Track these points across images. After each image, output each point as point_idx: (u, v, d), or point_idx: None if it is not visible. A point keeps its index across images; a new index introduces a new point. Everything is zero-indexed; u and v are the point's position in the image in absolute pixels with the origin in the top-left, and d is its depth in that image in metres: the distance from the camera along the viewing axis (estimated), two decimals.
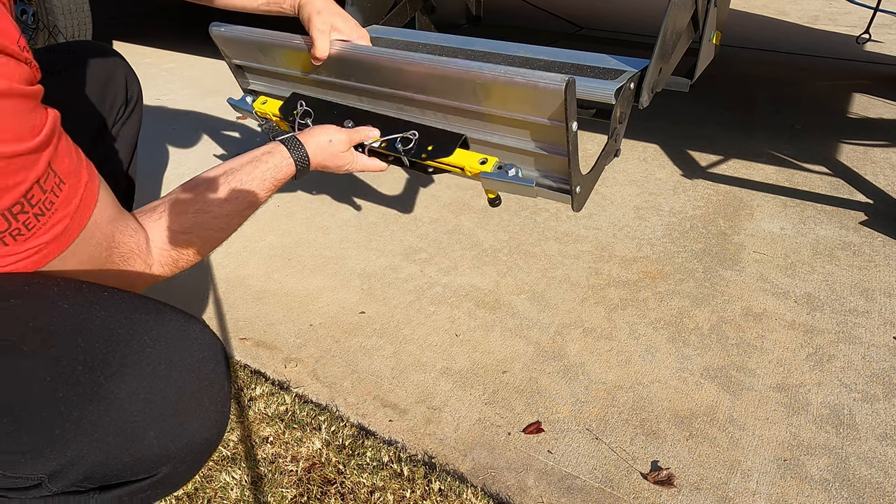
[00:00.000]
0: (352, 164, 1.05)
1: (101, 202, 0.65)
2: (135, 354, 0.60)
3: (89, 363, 0.57)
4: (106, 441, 0.57)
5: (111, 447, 0.58)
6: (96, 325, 0.60)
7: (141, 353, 0.60)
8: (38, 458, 0.55)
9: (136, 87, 1.23)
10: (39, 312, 0.59)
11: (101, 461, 0.58)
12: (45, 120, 0.57)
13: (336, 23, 1.03)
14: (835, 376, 1.30)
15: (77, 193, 0.61)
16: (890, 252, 1.72)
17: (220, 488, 1.05)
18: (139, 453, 0.61)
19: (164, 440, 0.62)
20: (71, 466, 0.57)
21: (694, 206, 1.97)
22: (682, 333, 1.42)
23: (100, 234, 0.66)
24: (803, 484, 1.07)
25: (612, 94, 1.15)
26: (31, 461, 0.55)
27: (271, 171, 0.89)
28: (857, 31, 3.48)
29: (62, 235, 0.61)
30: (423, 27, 1.81)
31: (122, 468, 0.61)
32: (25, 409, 0.55)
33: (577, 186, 1.11)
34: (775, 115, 2.70)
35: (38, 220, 0.57)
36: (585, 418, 1.20)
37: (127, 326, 0.61)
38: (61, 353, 0.57)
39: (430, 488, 1.05)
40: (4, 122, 0.50)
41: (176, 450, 0.64)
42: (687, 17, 1.34)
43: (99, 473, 0.60)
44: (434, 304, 1.52)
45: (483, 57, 1.35)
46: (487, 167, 1.06)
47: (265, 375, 1.30)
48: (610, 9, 4.64)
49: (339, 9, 1.06)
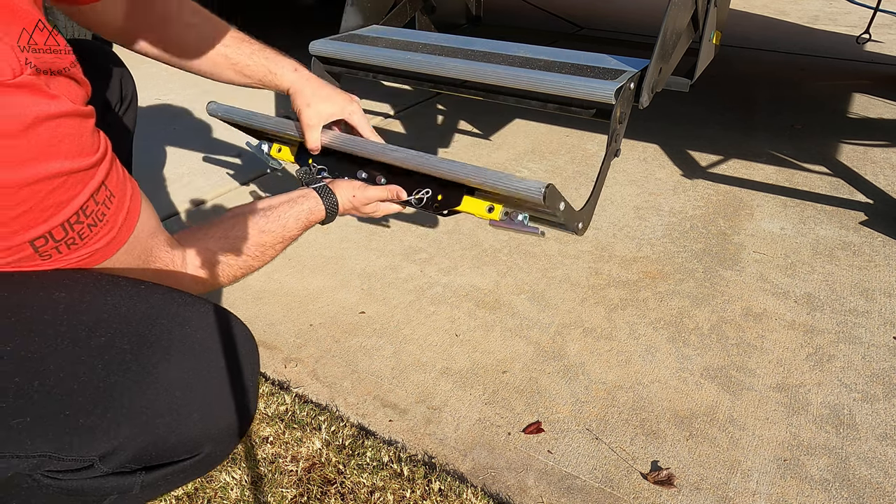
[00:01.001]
0: (374, 213, 1.12)
1: (143, 216, 0.69)
2: (178, 342, 0.63)
3: (136, 350, 0.61)
4: (153, 424, 0.61)
5: (158, 429, 0.61)
6: (140, 315, 0.63)
7: (183, 340, 0.64)
8: (91, 441, 0.58)
9: (130, 87, 1.22)
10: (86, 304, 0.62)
11: (149, 443, 0.61)
12: (100, 137, 0.60)
13: (325, 110, 1.07)
14: (835, 376, 1.30)
15: (124, 206, 0.65)
16: (890, 252, 1.72)
17: (220, 488, 1.05)
18: (184, 435, 0.64)
19: (206, 422, 0.66)
20: (121, 448, 0.60)
21: (694, 206, 1.97)
22: (682, 333, 1.42)
23: (139, 247, 0.69)
24: (803, 484, 1.07)
25: (612, 94, 1.15)
26: (84, 444, 0.58)
27: (305, 213, 0.96)
28: (857, 31, 3.48)
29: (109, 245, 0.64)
30: (423, 27, 1.81)
31: (167, 449, 0.64)
32: (78, 394, 0.57)
33: (579, 223, 1.15)
34: (775, 115, 2.70)
35: (91, 231, 0.60)
36: (585, 418, 1.20)
37: (169, 316, 0.64)
38: (110, 341, 0.60)
39: (430, 488, 1.05)
40: (70, 140, 0.53)
41: (217, 431, 0.67)
42: (687, 17, 1.34)
43: (147, 454, 0.62)
44: (434, 304, 1.52)
45: (483, 57, 1.35)
46: (494, 215, 1.09)
47: (265, 375, 1.30)
48: (610, 9, 4.64)
49: (327, 92, 1.08)
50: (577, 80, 1.19)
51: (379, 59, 1.42)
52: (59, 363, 0.58)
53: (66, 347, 0.59)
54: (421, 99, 2.85)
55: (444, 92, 1.46)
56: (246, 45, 1.05)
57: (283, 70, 1.04)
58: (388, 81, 2.27)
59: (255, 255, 0.89)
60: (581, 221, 1.16)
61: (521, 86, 1.26)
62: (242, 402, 0.70)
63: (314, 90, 1.06)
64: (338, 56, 1.48)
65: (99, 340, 0.60)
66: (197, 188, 2.01)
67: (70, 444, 0.58)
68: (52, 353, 0.58)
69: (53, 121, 0.51)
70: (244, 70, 1.04)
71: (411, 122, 2.63)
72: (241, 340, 0.70)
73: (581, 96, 1.19)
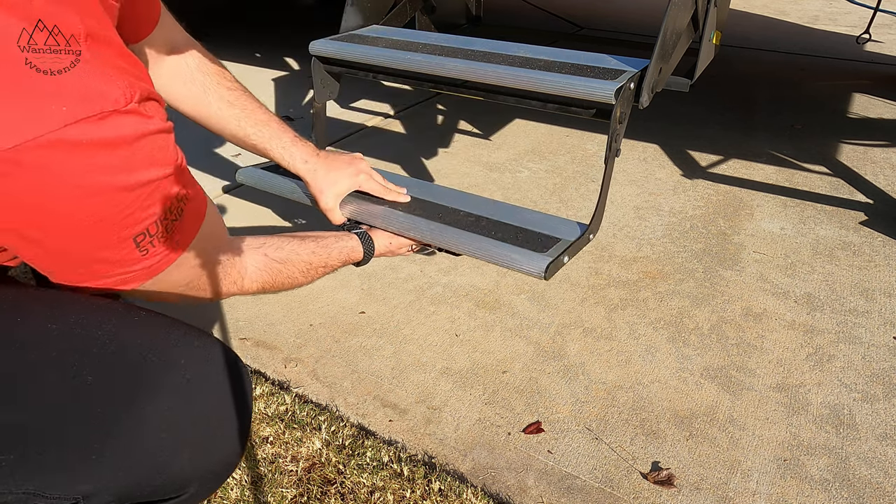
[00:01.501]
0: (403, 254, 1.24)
1: (209, 213, 0.76)
2: (167, 383, 0.65)
3: (123, 392, 0.63)
4: (139, 465, 0.63)
5: (143, 472, 0.63)
6: (130, 355, 0.65)
7: (173, 381, 0.65)
8: (75, 480, 0.60)
9: None
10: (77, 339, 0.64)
11: (133, 484, 0.63)
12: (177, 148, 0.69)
13: (337, 191, 1.17)
14: (835, 376, 1.30)
15: (197, 203, 0.73)
16: (890, 252, 1.72)
17: (220, 488, 1.05)
18: (170, 476, 0.65)
19: (193, 463, 0.67)
20: (105, 489, 0.62)
21: (694, 206, 1.97)
22: (682, 333, 1.42)
23: (209, 240, 0.76)
24: (803, 484, 1.07)
25: (612, 94, 1.15)
26: (69, 483, 0.60)
27: (347, 250, 1.08)
28: (857, 31, 3.48)
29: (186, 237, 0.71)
30: (423, 27, 1.81)
31: (153, 489, 0.66)
32: (64, 433, 0.60)
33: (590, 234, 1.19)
34: (775, 115, 2.70)
35: (174, 225, 0.68)
36: (585, 418, 1.20)
37: (159, 353, 0.66)
38: (97, 381, 0.62)
39: (430, 488, 1.05)
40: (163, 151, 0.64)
41: (203, 471, 0.69)
42: (687, 17, 1.34)
43: (132, 494, 0.64)
44: (434, 304, 1.52)
45: (483, 57, 1.35)
46: None
47: (265, 375, 1.30)
48: (610, 9, 4.64)
49: (335, 175, 1.17)
50: (577, 80, 1.19)
51: (379, 59, 1.42)
52: (47, 401, 0.60)
53: (53, 384, 0.61)
54: (421, 99, 2.85)
55: (444, 92, 1.46)
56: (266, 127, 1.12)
57: (295, 160, 1.14)
58: (388, 81, 2.27)
59: (303, 270, 0.97)
60: (592, 232, 1.18)
61: (521, 86, 1.26)
62: (232, 439, 0.71)
63: (324, 175, 1.16)
64: (338, 56, 1.48)
65: (87, 379, 0.61)
66: None
67: (54, 482, 0.60)
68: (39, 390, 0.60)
69: (151, 136, 0.61)
70: (255, 144, 1.13)
71: (411, 122, 2.63)
72: (233, 377, 0.71)
73: (581, 96, 1.18)
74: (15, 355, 0.62)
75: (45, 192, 0.55)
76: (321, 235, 1.05)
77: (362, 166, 1.22)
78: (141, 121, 0.60)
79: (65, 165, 0.55)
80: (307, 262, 0.98)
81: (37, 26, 0.54)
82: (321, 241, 1.03)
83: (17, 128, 0.52)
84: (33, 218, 0.58)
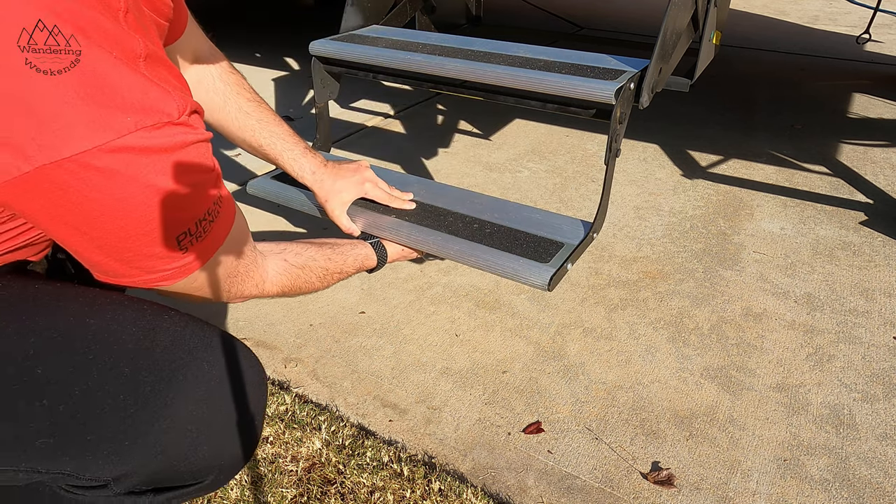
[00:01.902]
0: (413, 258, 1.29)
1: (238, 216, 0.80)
2: (194, 377, 0.70)
3: (156, 384, 0.68)
4: (166, 454, 0.68)
5: (170, 459, 0.69)
6: (161, 349, 0.71)
7: (199, 376, 0.71)
8: (107, 464, 0.66)
9: None
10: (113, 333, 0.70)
11: (159, 469, 0.69)
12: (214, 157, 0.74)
13: (343, 200, 1.22)
14: (835, 376, 1.30)
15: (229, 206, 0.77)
16: (890, 252, 1.72)
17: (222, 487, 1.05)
18: (193, 465, 0.71)
19: (214, 454, 0.73)
20: (134, 473, 0.67)
21: (694, 206, 1.97)
22: (682, 333, 1.42)
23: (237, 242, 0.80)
24: (803, 484, 1.07)
25: (612, 94, 1.15)
26: (101, 467, 0.66)
27: (362, 257, 1.14)
28: (857, 31, 3.49)
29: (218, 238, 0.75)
30: (423, 27, 1.81)
31: (176, 475, 0.71)
32: (100, 420, 0.66)
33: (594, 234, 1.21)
34: (775, 115, 2.70)
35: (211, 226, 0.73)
36: (585, 418, 1.20)
37: (187, 351, 0.72)
38: (134, 373, 0.68)
39: (430, 488, 1.05)
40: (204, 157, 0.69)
41: (222, 461, 0.75)
42: (687, 17, 1.34)
43: (156, 479, 0.70)
44: (434, 304, 1.52)
45: (483, 57, 1.35)
46: None
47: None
48: (610, 9, 4.64)
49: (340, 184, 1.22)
50: (577, 80, 1.19)
51: (379, 59, 1.42)
52: (85, 390, 0.66)
53: (91, 375, 0.67)
54: (421, 99, 2.85)
55: (444, 92, 1.46)
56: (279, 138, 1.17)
57: (304, 171, 1.19)
58: (388, 81, 2.27)
59: (320, 276, 1.01)
60: (595, 231, 1.20)
61: (521, 86, 1.26)
62: (248, 435, 0.76)
63: (330, 185, 1.21)
64: (338, 56, 1.48)
65: (123, 371, 0.68)
66: None
67: (88, 465, 0.66)
68: (78, 379, 0.66)
69: (196, 144, 0.67)
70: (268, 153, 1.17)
71: (411, 122, 2.63)
72: (250, 374, 0.77)
73: (581, 96, 1.19)
74: (58, 346, 0.67)
75: (109, 191, 0.61)
76: (337, 243, 1.10)
77: (367, 174, 1.26)
78: (189, 131, 0.66)
79: (129, 167, 0.60)
80: (324, 267, 1.02)
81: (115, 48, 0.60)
82: (337, 249, 1.08)
83: (92, 132, 0.58)
84: (96, 216, 0.62)
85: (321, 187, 1.21)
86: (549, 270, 1.09)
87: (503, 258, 1.13)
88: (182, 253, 0.70)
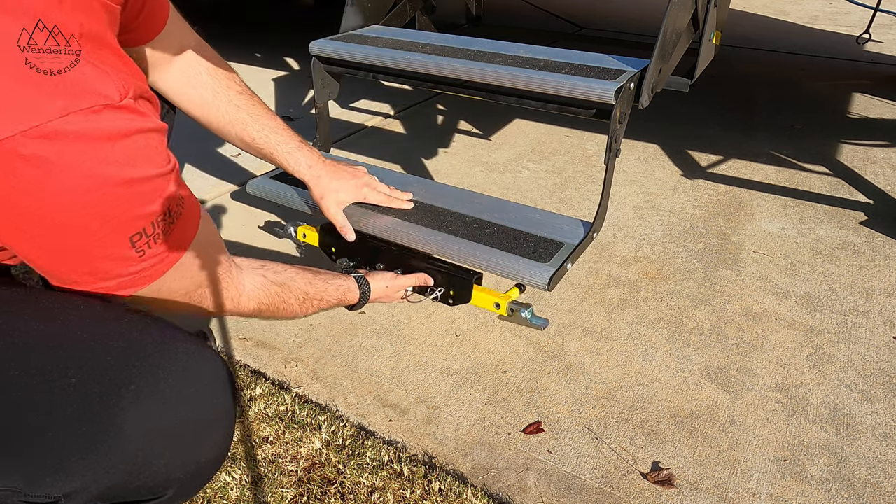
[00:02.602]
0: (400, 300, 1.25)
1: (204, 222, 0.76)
2: (148, 386, 0.64)
3: (105, 394, 0.62)
4: (118, 469, 0.63)
5: (123, 474, 0.63)
6: (113, 356, 0.65)
7: (154, 385, 0.65)
8: (56, 480, 0.61)
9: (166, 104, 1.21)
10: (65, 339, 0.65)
11: (112, 485, 0.63)
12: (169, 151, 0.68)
13: (340, 199, 1.18)
14: (835, 376, 1.30)
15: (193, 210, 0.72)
16: (890, 252, 1.72)
17: (220, 488, 1.05)
18: (149, 479, 0.66)
19: (171, 467, 0.67)
20: (85, 489, 0.62)
21: (694, 206, 1.97)
22: (682, 333, 1.42)
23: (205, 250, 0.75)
24: (803, 484, 1.07)
25: (612, 94, 1.15)
26: (51, 483, 0.61)
27: (343, 289, 1.09)
28: (857, 31, 3.48)
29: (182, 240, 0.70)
30: (423, 27, 1.81)
31: (132, 490, 0.66)
32: (49, 434, 0.60)
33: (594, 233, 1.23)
34: (775, 115, 2.70)
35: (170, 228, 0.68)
36: (585, 418, 1.20)
37: (142, 358, 0.66)
38: (83, 382, 0.62)
39: (430, 488, 1.05)
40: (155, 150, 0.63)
41: (182, 475, 0.69)
42: (687, 17, 1.34)
43: (111, 495, 0.65)
44: (434, 304, 1.51)
45: (483, 57, 1.35)
46: (502, 311, 1.18)
47: (265, 375, 1.30)
48: (610, 9, 4.64)
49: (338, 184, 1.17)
50: (577, 80, 1.19)
51: (379, 59, 1.42)
52: (33, 402, 0.60)
53: (39, 384, 0.61)
54: (421, 99, 2.85)
55: (444, 92, 1.46)
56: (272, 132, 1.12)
57: (300, 165, 1.14)
58: (388, 81, 2.27)
59: (300, 298, 0.97)
60: (595, 231, 1.20)
61: (521, 86, 1.26)
62: (211, 444, 0.71)
63: (327, 182, 1.16)
64: (338, 56, 1.48)
65: (70, 380, 0.61)
66: (197, 188, 2.01)
67: (36, 481, 0.60)
68: (21, 390, 0.61)
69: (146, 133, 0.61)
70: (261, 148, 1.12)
71: (411, 122, 2.63)
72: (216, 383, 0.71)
73: (581, 96, 1.19)
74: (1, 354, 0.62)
75: (43, 184, 0.55)
76: (320, 271, 1.06)
77: (366, 179, 1.23)
78: (135, 117, 0.60)
79: (63, 156, 0.55)
80: (304, 291, 0.98)
81: (37, 26, 0.54)
82: (319, 276, 1.04)
83: (13, 118, 0.53)
84: (32, 212, 0.57)
85: (317, 183, 1.16)
86: (549, 270, 1.09)
87: (503, 258, 1.13)
88: (139, 256, 0.65)
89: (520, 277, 1.11)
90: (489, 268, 1.14)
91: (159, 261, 0.68)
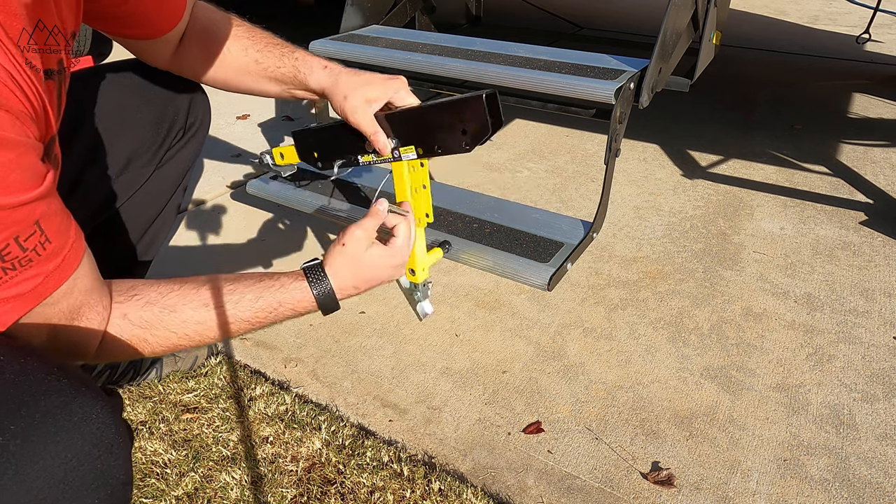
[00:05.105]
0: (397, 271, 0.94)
1: (82, 269, 0.62)
2: (20, 452, 0.50)
3: None
4: None
5: None
6: None
7: (29, 452, 0.51)
8: None
9: (199, 113, 1.09)
10: None
11: None
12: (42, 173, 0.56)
13: (367, 94, 0.93)
14: (835, 376, 1.30)
15: (59, 255, 0.59)
16: (890, 252, 1.72)
17: (220, 488, 1.05)
18: None
19: None
20: None
21: (694, 206, 1.97)
22: (682, 333, 1.42)
23: (67, 303, 0.63)
24: (803, 484, 1.07)
25: (612, 94, 1.15)
26: None
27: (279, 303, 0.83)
28: (857, 31, 3.48)
29: (29, 294, 0.58)
30: (423, 27, 1.81)
31: None
32: None
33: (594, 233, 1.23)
34: (775, 115, 2.70)
35: (7, 276, 0.55)
36: (585, 418, 1.20)
37: (15, 419, 0.51)
38: None
39: (430, 488, 1.05)
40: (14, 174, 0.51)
41: None
42: (687, 17, 1.34)
43: None
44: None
45: (483, 57, 1.35)
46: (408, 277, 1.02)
47: (265, 375, 1.30)
48: (610, 9, 4.64)
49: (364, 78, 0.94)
50: (577, 80, 1.19)
51: (379, 59, 1.42)
52: None
53: None
54: (421, 99, 2.85)
55: (444, 92, 1.46)
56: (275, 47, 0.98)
57: (313, 70, 0.94)
58: None
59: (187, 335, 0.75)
60: (595, 231, 1.20)
61: (521, 86, 1.26)
62: None
63: (347, 79, 0.93)
64: (338, 56, 1.48)
65: None
66: (196, 188, 2.01)
67: None
68: None
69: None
70: (268, 70, 0.96)
71: None
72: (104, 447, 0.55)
73: (581, 96, 1.19)
74: None
75: None
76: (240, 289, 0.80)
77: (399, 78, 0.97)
78: None
79: None
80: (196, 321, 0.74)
81: None
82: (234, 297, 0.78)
83: None
84: None
85: (335, 83, 0.92)
86: (549, 270, 1.09)
87: (503, 258, 1.13)
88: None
89: (520, 277, 1.11)
90: (489, 268, 1.14)
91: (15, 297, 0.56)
